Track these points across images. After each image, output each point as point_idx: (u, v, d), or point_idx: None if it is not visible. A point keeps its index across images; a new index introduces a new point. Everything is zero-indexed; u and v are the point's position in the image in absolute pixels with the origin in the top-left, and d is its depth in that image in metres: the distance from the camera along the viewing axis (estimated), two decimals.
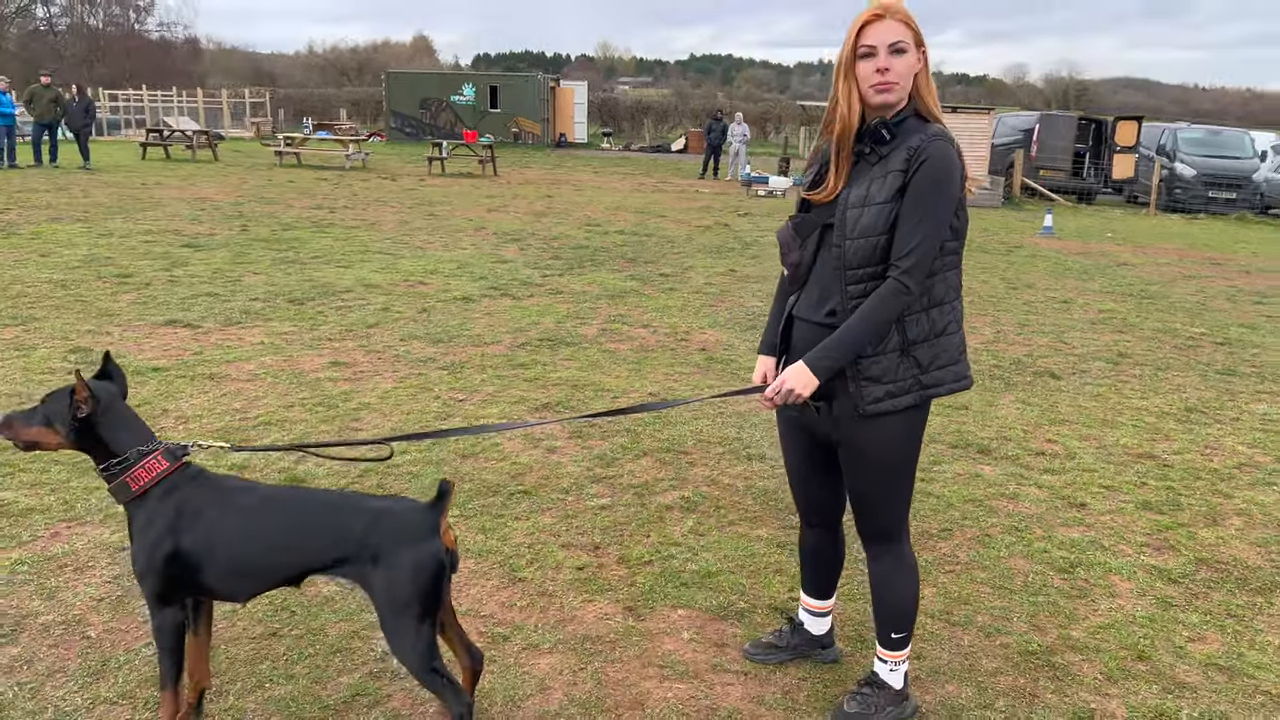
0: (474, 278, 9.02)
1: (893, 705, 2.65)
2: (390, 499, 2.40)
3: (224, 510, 2.30)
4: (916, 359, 2.38)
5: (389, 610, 2.24)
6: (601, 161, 29.96)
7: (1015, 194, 20.90)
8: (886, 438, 2.44)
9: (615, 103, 44.36)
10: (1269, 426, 5.58)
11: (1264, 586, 3.61)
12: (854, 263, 2.34)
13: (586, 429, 4.91)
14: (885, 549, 2.60)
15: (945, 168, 2.27)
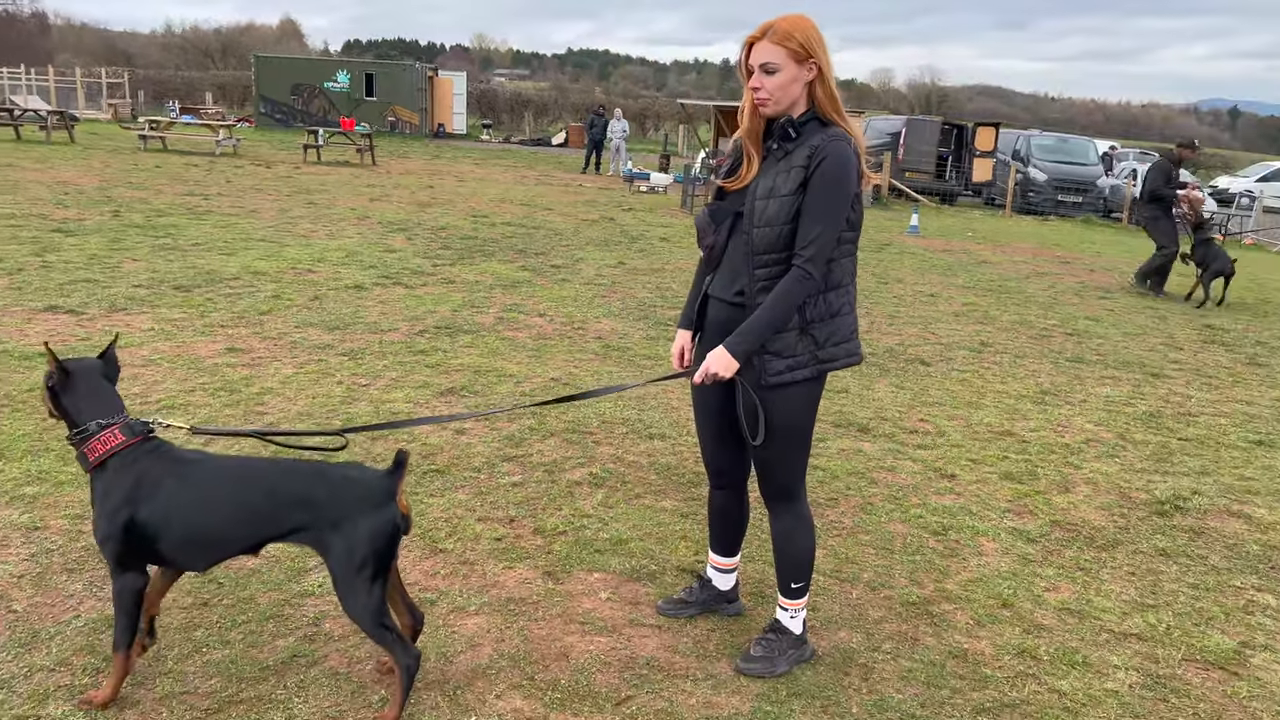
0: (364, 266, 9.00)
1: (793, 649, 2.94)
2: (348, 466, 2.54)
3: (182, 482, 2.40)
4: (814, 336, 2.65)
5: (345, 571, 2.38)
6: (482, 153, 29.82)
7: (884, 195, 21.88)
8: (787, 406, 2.70)
9: (494, 94, 44.05)
10: (1111, 407, 6.18)
11: (1108, 544, 4.08)
12: (760, 248, 2.61)
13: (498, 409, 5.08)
14: (786, 507, 2.89)
15: (842, 166, 2.52)
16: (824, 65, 2.58)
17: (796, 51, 2.54)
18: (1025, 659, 3.12)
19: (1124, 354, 7.88)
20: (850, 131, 2.61)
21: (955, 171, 23.55)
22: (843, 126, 2.61)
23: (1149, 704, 2.92)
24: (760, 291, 2.63)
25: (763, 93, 2.56)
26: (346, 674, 2.75)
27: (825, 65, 2.59)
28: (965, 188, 23.62)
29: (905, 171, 22.93)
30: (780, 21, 2.56)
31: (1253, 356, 8.25)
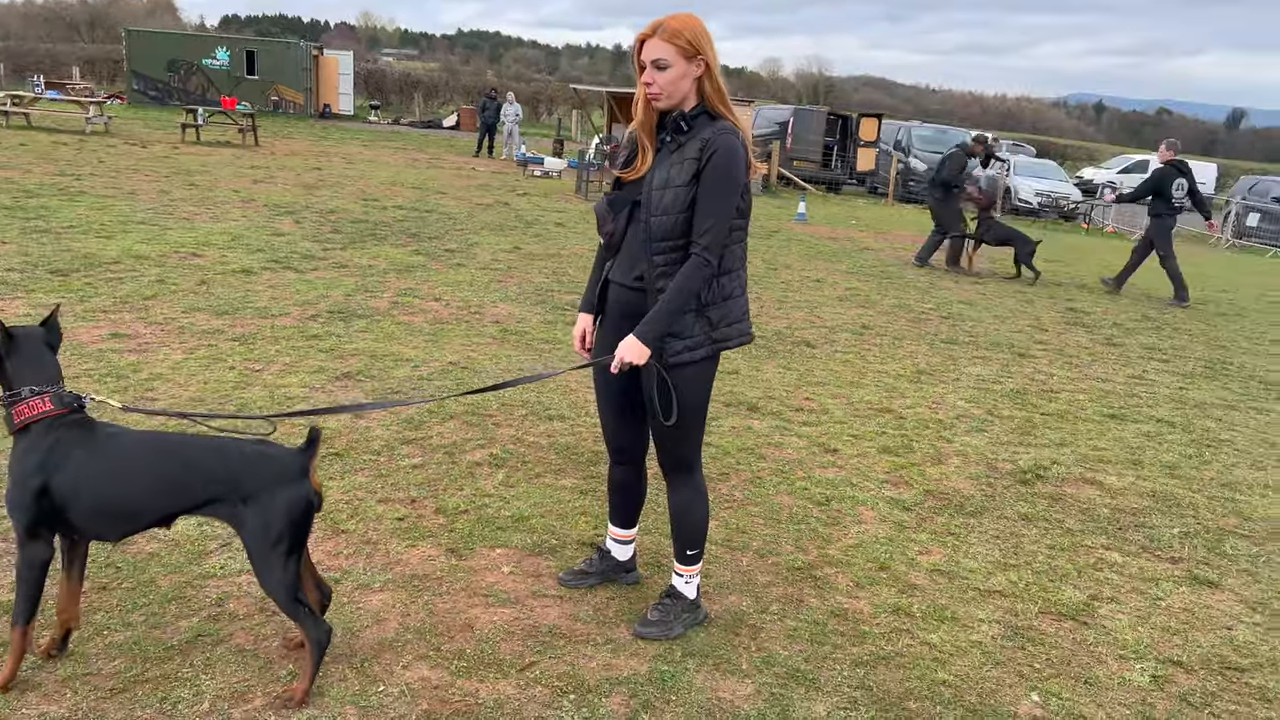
0: (250, 250, 8.82)
1: (688, 612, 3.13)
2: (260, 443, 2.59)
3: (94, 453, 2.42)
4: (709, 318, 2.82)
5: (260, 546, 2.45)
6: (370, 135, 29.22)
7: (772, 183, 22.38)
8: (686, 384, 2.87)
9: (383, 75, 43.08)
10: (981, 385, 6.58)
11: (976, 510, 4.39)
12: (658, 235, 2.75)
13: (389, 396, 5.11)
14: (684, 480, 3.06)
15: (731, 158, 2.68)
16: (711, 61, 2.72)
17: (685, 48, 2.67)
18: (900, 616, 3.38)
19: (994, 335, 8.36)
20: (738, 124, 2.76)
21: (841, 161, 24.24)
22: (730, 119, 2.76)
23: (1008, 652, 3.20)
24: (660, 276, 2.77)
25: (654, 88, 2.70)
26: (253, 651, 2.80)
27: (712, 61, 2.72)
28: (850, 176, 24.36)
29: (793, 160, 23.49)
30: (670, 20, 2.69)
31: (1110, 337, 8.85)
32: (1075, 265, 14.51)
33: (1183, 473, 5.13)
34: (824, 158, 23.98)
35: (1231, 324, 10.39)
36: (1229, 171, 42.49)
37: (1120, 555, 4.05)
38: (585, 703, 2.72)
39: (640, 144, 2.83)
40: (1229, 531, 4.41)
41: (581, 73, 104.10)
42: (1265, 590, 3.85)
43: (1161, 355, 8.24)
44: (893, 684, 2.96)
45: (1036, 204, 23.63)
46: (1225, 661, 3.28)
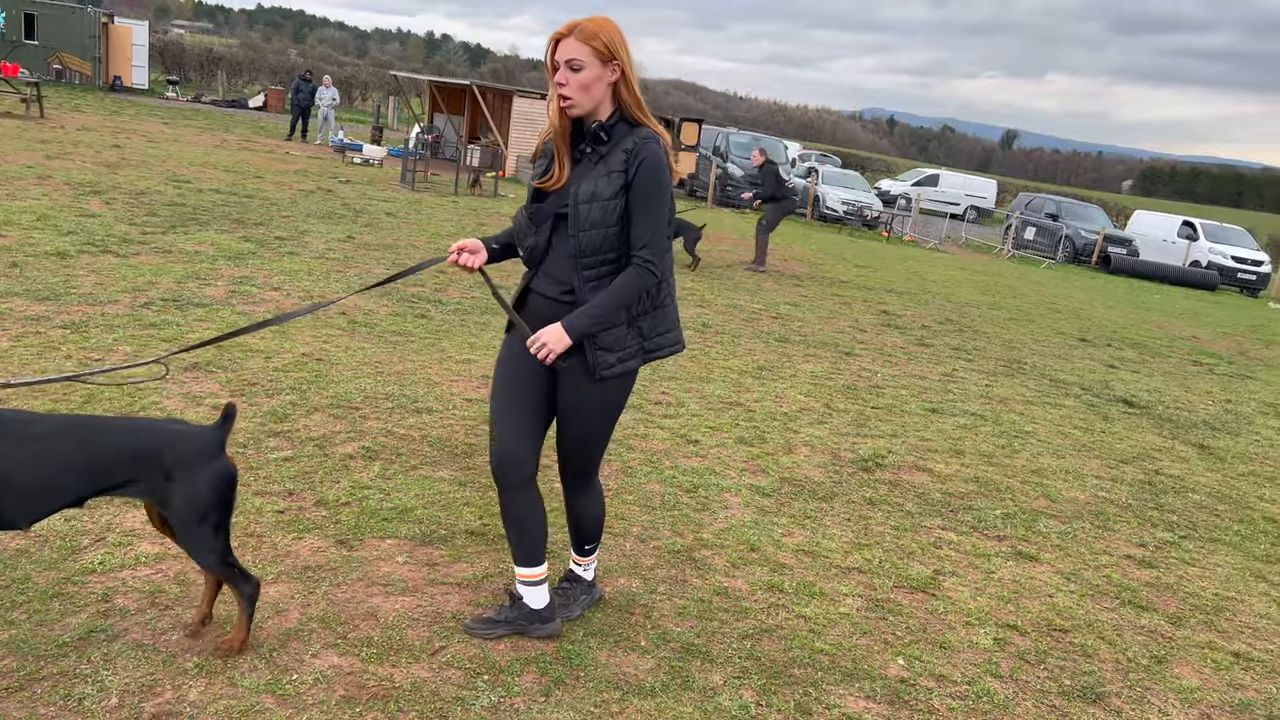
0: (61, 232, 8.20)
1: (585, 594, 3.27)
2: (174, 421, 2.55)
3: (9, 440, 2.31)
4: (640, 328, 2.77)
5: (188, 520, 2.47)
6: (169, 112, 27.39)
7: None
8: (611, 395, 2.83)
9: (181, 49, 40.43)
10: (817, 381, 7.03)
11: (827, 495, 4.74)
12: (587, 251, 2.67)
13: (248, 389, 4.95)
14: (587, 483, 3.06)
15: (660, 167, 2.64)
16: (627, 67, 2.66)
17: (601, 51, 2.60)
18: (774, 592, 3.64)
19: (821, 335, 8.90)
20: (659, 131, 2.71)
21: None
22: (650, 126, 2.71)
23: (873, 622, 3.52)
24: (591, 291, 2.68)
25: (567, 88, 2.61)
26: (152, 645, 2.72)
27: (628, 67, 2.66)
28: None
29: None
30: (585, 22, 2.63)
31: (921, 338, 9.61)
32: (883, 271, 15.55)
33: (998, 461, 5.71)
34: None
35: (1021, 328, 11.48)
36: (1006, 188, 46.42)
37: (955, 535, 4.49)
38: (500, 682, 2.81)
39: (557, 154, 2.74)
40: (1041, 512, 4.96)
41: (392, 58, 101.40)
42: (1075, 563, 4.37)
43: (966, 355, 9.03)
44: (777, 654, 3.20)
45: (843, 212, 25.04)
46: (1051, 624, 3.73)
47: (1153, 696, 3.30)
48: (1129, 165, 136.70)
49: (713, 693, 2.92)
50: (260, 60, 44.22)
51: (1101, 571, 4.31)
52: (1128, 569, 4.39)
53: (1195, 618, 3.98)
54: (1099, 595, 4.06)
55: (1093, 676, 3.37)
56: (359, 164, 19.90)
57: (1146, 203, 55.85)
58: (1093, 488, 5.48)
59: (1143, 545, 4.71)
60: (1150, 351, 11.26)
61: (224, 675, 2.63)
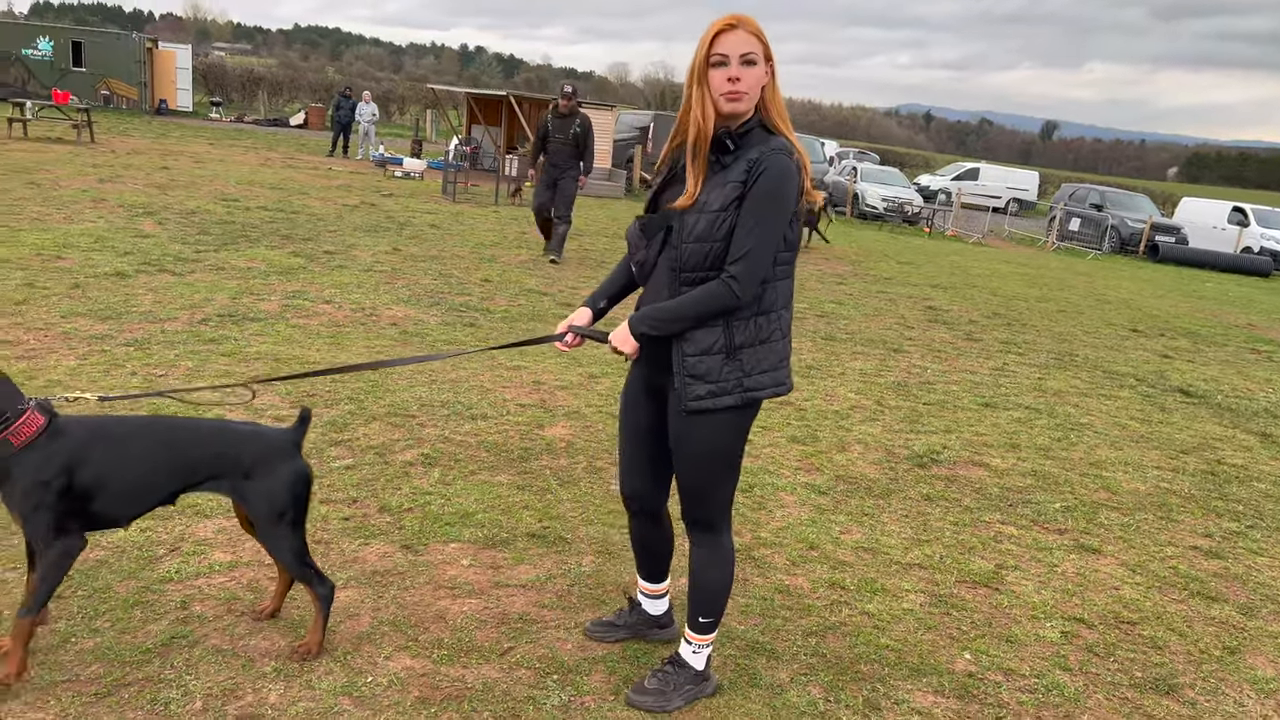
0: (118, 253, 8.41)
1: (691, 684, 2.80)
2: (250, 423, 2.69)
3: (109, 445, 2.44)
4: (741, 362, 2.48)
5: (267, 518, 2.60)
6: (214, 133, 27.93)
7: (636, 186, 22.73)
8: (709, 434, 2.55)
9: (223, 70, 41.21)
10: (866, 379, 7.00)
11: (883, 492, 4.72)
12: (688, 265, 2.45)
13: (307, 399, 5.04)
14: (706, 538, 2.72)
15: (780, 180, 2.36)
16: (775, 70, 2.46)
17: (765, 48, 2.40)
18: (836, 590, 3.63)
19: (867, 332, 8.86)
20: (794, 144, 2.45)
21: None
22: (788, 138, 2.45)
23: (937, 617, 3.51)
24: None
25: (742, 84, 2.37)
26: (231, 650, 2.79)
27: (776, 70, 2.47)
28: None
29: (654, 164, 23.91)
30: (747, 16, 2.40)
31: (969, 333, 9.52)
32: (926, 267, 15.42)
33: (1055, 454, 5.64)
34: None
35: (1071, 320, 11.32)
36: (1048, 179, 45.80)
37: (1015, 529, 4.45)
38: (569, 681, 2.84)
39: (691, 162, 2.47)
40: (1102, 504, 4.90)
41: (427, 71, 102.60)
42: (1140, 555, 4.31)
43: (1017, 349, 8.93)
44: (843, 650, 3.20)
45: (883, 209, 24.87)
46: (1119, 617, 3.68)
47: (1227, 688, 3.25)
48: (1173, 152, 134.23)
49: (780, 689, 2.92)
50: (300, 79, 44.93)
51: (1167, 563, 4.25)
52: (1194, 560, 4.32)
53: (1267, 608, 3.91)
54: (1166, 587, 4.00)
55: (1164, 668, 3.33)
56: (400, 177, 20.14)
57: (1193, 189, 54.79)
58: (1154, 479, 5.40)
59: (1208, 536, 4.64)
60: (1205, 340, 11.05)
61: (301, 679, 2.68)
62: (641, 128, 24.59)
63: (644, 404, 2.75)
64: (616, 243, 13.34)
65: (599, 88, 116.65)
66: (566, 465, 4.57)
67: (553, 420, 5.18)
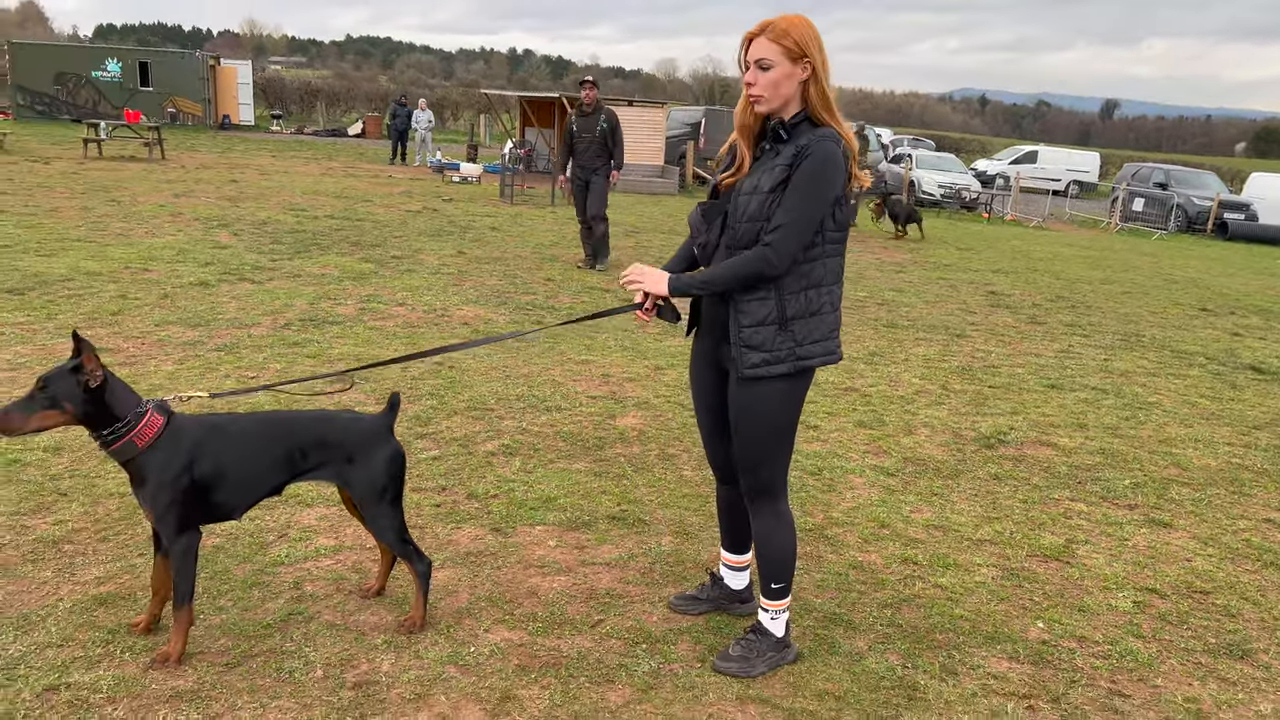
0: (200, 263, 8.78)
1: (773, 651, 2.93)
2: (346, 411, 2.93)
3: (223, 439, 2.65)
4: (793, 332, 2.65)
5: (369, 497, 2.82)
6: (276, 145, 28.66)
7: (689, 181, 22.85)
8: (765, 400, 2.71)
9: (282, 84, 42.23)
10: (930, 364, 7.06)
11: (951, 473, 4.81)
12: (742, 243, 2.64)
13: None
14: (766, 505, 2.86)
15: (825, 162, 2.54)
16: (818, 65, 2.60)
17: (791, 49, 2.57)
18: (909, 565, 3.75)
19: (929, 319, 8.89)
20: (842, 132, 2.62)
21: None
22: (835, 127, 2.63)
23: (1009, 589, 3.60)
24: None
25: (756, 88, 2.60)
26: (343, 625, 3.00)
27: (820, 65, 2.61)
28: None
29: (706, 160, 24.00)
30: (779, 20, 2.60)
31: (1033, 316, 9.49)
32: (986, 252, 15.32)
33: (1123, 432, 5.66)
34: None
35: (1137, 301, 11.20)
36: (1110, 160, 44.85)
37: (1085, 505, 4.51)
38: (658, 650, 3.00)
39: (739, 150, 2.73)
40: (1172, 480, 4.92)
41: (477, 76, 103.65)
42: (1212, 528, 4.35)
43: (1081, 331, 8.90)
44: (918, 621, 3.31)
45: (940, 195, 24.65)
46: (1191, 587, 3.74)
47: None
48: (1241, 127, 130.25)
49: (859, 657, 3.05)
50: (355, 89, 45.83)
51: (1240, 535, 4.28)
52: (1268, 532, 4.34)
53: None
54: (1239, 558, 4.04)
55: (1238, 635, 3.38)
56: (458, 182, 20.51)
57: (1263, 165, 53.18)
58: (1225, 455, 5.40)
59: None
60: (1277, 317, 10.85)
61: (410, 649, 2.88)
62: (693, 124, 24.69)
63: (709, 377, 2.94)
64: (674, 238, 13.48)
65: (647, 85, 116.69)
66: (639, 452, 4.74)
67: (623, 410, 5.36)
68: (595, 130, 10.21)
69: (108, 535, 3.48)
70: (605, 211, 10.53)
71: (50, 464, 4.07)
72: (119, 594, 3.07)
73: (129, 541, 3.44)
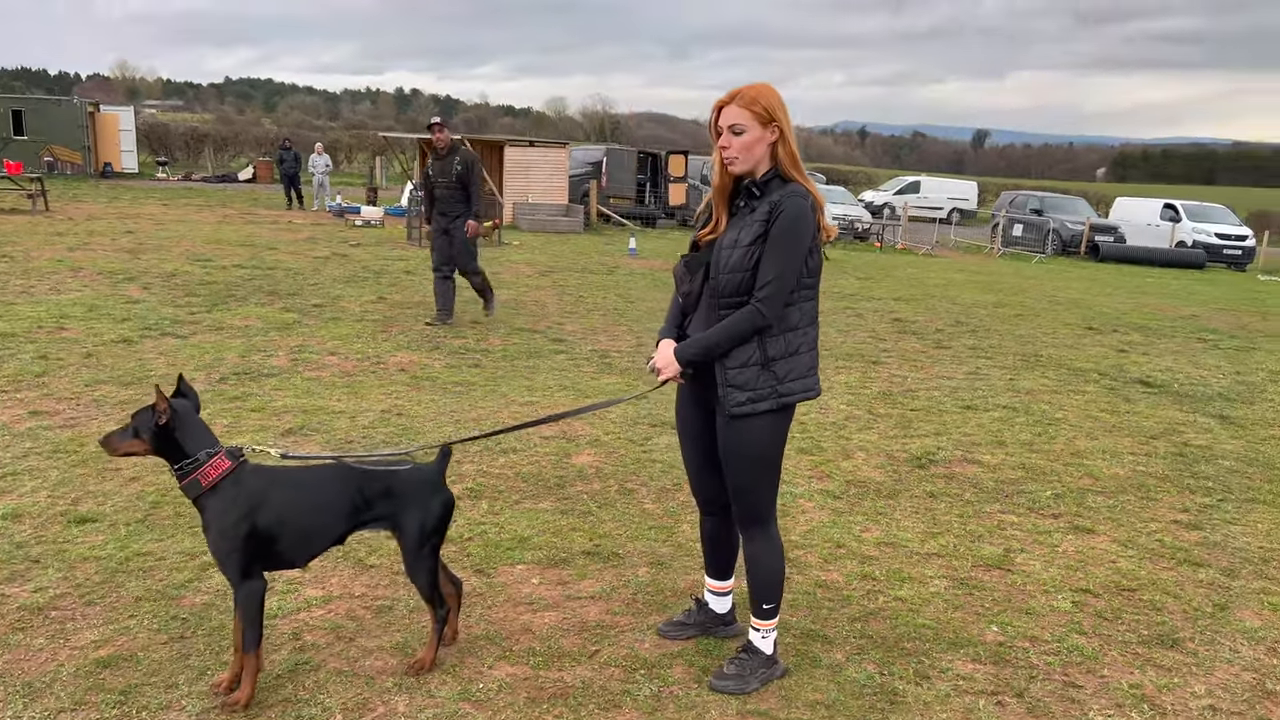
0: (116, 320, 8.60)
1: (764, 668, 3.15)
2: (404, 462, 3.04)
3: (286, 490, 2.76)
4: (775, 372, 2.89)
5: (414, 546, 2.92)
6: (164, 193, 27.88)
7: (593, 220, 23.17)
8: (751, 437, 2.95)
9: (166, 130, 41.10)
10: (853, 390, 7.44)
11: (891, 493, 5.13)
12: (724, 292, 2.88)
13: (346, 446, 5.33)
14: (757, 531, 3.11)
15: (797, 219, 2.80)
16: (785, 128, 2.86)
17: (761, 115, 2.82)
18: (868, 581, 4.02)
19: (844, 347, 9.32)
20: (810, 188, 2.88)
21: (654, 197, 25.37)
22: (803, 184, 2.88)
23: (962, 598, 3.90)
24: None
25: (730, 151, 2.86)
26: (351, 672, 3.09)
27: (786, 128, 2.86)
28: (664, 211, 25.52)
29: (610, 198, 24.40)
30: (746, 89, 2.86)
31: (938, 341, 10.03)
32: (884, 281, 16.02)
33: (1038, 447, 6.10)
34: (638, 194, 25.05)
35: (1029, 323, 11.92)
36: (986, 187, 47.16)
37: (1015, 516, 4.88)
38: (655, 675, 3.18)
39: (716, 208, 2.99)
40: (1087, 489, 5.35)
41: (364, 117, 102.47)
42: (1129, 531, 4.76)
43: (985, 354, 9.46)
44: (886, 631, 3.58)
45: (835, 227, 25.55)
46: (1120, 585, 4.11)
47: (1222, 638, 3.68)
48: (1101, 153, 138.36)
49: (839, 668, 3.29)
50: (245, 133, 44.93)
51: (1154, 536, 4.70)
52: (1177, 532, 4.77)
53: (1246, 569, 4.36)
54: (1156, 557, 4.44)
55: (1166, 626, 3.75)
56: (360, 225, 20.36)
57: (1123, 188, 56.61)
58: (1130, 464, 5.88)
59: (1186, 510, 5.10)
60: (1155, 333, 11.70)
61: (421, 690, 2.99)
62: (595, 163, 25.08)
63: (696, 416, 3.16)
64: (588, 276, 13.73)
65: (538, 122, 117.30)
66: (600, 489, 4.92)
67: (577, 449, 5.53)
68: (451, 174, 9.21)
69: (92, 599, 3.47)
70: (476, 264, 9.62)
71: (12, 531, 4.02)
72: (121, 656, 3.09)
73: (116, 604, 3.45)
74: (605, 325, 9.94)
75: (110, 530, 4.08)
